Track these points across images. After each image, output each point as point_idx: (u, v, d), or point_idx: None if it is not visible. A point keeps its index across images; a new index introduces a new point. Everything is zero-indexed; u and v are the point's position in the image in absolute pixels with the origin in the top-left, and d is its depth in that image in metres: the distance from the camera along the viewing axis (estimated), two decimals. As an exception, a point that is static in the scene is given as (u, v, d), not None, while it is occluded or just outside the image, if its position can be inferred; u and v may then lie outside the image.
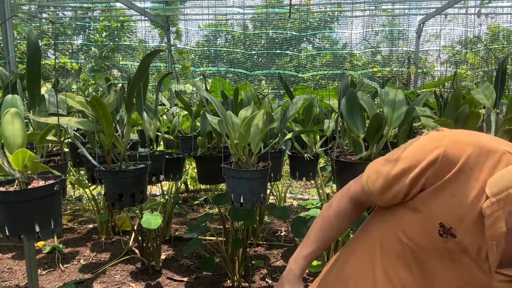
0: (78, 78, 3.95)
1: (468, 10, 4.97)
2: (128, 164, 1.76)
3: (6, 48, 2.14)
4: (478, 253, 0.73)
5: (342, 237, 2.19)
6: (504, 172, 0.70)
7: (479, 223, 0.71)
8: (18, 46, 5.36)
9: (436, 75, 5.26)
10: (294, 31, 6.73)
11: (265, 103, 2.16)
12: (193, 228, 2.40)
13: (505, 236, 0.68)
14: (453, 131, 0.78)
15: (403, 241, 0.82)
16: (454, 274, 0.77)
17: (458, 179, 0.73)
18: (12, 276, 2.69)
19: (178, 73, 4.88)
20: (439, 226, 0.74)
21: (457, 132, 0.77)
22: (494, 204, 0.68)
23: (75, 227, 3.59)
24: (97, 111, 1.52)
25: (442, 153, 0.74)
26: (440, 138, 0.77)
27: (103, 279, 2.63)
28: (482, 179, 0.72)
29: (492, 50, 4.81)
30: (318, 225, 1.00)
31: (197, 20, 5.98)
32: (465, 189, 0.72)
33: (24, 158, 1.23)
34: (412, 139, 0.84)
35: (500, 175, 0.70)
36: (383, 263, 0.87)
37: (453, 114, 1.64)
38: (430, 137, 0.79)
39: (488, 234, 0.70)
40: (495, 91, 1.69)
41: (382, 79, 4.03)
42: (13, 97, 1.58)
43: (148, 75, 1.75)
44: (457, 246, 0.74)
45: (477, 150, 0.73)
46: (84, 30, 6.28)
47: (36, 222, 1.24)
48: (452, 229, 0.73)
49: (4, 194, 1.21)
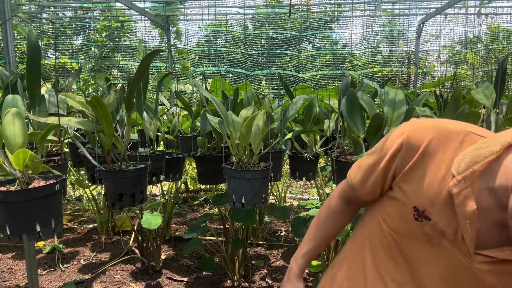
0: (78, 78, 3.95)
1: (468, 10, 4.97)
2: (128, 164, 1.76)
3: (6, 48, 2.14)
4: (455, 235, 0.73)
5: (342, 237, 2.19)
6: (469, 150, 0.72)
7: (450, 203, 0.72)
8: (18, 46, 5.36)
9: (436, 75, 5.26)
10: (294, 31, 6.73)
11: (265, 103, 2.16)
12: (193, 228, 2.41)
13: (476, 215, 0.69)
14: (417, 120, 0.81)
15: (386, 231, 0.85)
16: (436, 261, 0.77)
17: (423, 162, 0.76)
18: (12, 276, 2.69)
19: (178, 73, 4.88)
20: (413, 210, 0.76)
21: (420, 120, 0.81)
22: (460, 182, 0.70)
23: (75, 227, 3.59)
24: (97, 111, 1.52)
25: (406, 139, 0.78)
26: (405, 126, 0.81)
27: (103, 279, 2.63)
28: (448, 160, 0.74)
29: (492, 50, 4.81)
30: (314, 224, 1.03)
31: (197, 20, 5.98)
32: (432, 171, 0.75)
33: (25, 158, 1.23)
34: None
35: (464, 153, 0.72)
36: (372, 257, 0.89)
37: (453, 114, 1.65)
38: (398, 127, 0.83)
39: (460, 213, 0.70)
40: (495, 91, 1.69)
41: (382, 79, 4.03)
42: (14, 97, 1.59)
43: (148, 75, 1.75)
44: (434, 230, 0.74)
45: (440, 133, 0.76)
46: (84, 30, 6.28)
47: (37, 221, 1.24)
48: (426, 212, 0.74)
49: (5, 194, 1.21)
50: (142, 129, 2.67)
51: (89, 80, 4.86)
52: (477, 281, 0.73)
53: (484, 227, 0.70)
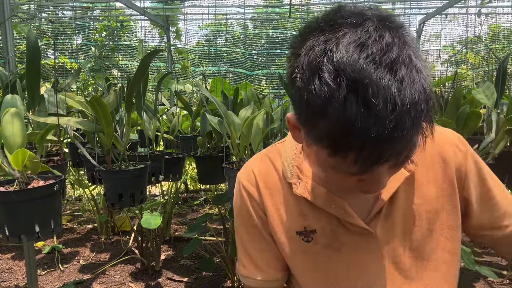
0: (78, 78, 3.94)
1: (469, 9, 4.97)
2: (128, 164, 1.76)
3: (5, 48, 2.14)
4: (342, 227, 0.73)
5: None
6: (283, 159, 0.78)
7: (312, 206, 0.73)
8: (17, 45, 5.36)
9: (437, 75, 5.26)
10: (294, 31, 6.73)
11: (265, 103, 2.16)
12: (193, 228, 2.40)
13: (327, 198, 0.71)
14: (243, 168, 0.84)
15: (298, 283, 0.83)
16: (347, 262, 0.74)
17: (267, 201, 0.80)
18: (11, 276, 2.68)
19: (178, 73, 4.87)
20: (297, 234, 0.75)
21: (246, 167, 0.83)
22: (299, 182, 0.73)
23: (75, 227, 3.59)
24: (97, 111, 1.52)
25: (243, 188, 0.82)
26: (238, 177, 0.85)
27: (102, 279, 2.63)
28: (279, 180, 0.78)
29: (492, 49, 4.81)
30: None
31: (197, 19, 5.98)
32: (276, 203, 0.79)
33: (24, 158, 1.23)
34: None
35: (283, 164, 0.78)
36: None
37: (454, 114, 1.64)
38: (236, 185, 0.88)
39: (322, 205, 0.72)
40: (496, 91, 1.69)
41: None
42: (13, 97, 1.58)
43: (148, 75, 1.75)
44: (325, 236, 0.74)
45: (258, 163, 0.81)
46: (84, 29, 6.28)
47: (36, 222, 1.24)
48: (307, 227, 0.75)
49: (4, 194, 1.21)
50: (142, 129, 2.66)
51: (88, 80, 4.86)
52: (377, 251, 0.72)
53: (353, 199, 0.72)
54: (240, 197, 0.80)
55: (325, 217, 0.72)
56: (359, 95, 0.46)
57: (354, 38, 0.49)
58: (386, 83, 0.46)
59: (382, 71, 0.47)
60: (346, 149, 0.49)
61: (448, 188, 0.73)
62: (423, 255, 0.72)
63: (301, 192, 0.72)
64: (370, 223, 0.71)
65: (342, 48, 0.48)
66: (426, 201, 0.73)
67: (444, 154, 0.74)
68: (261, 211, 0.78)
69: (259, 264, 0.79)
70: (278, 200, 0.76)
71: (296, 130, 0.62)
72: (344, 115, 0.46)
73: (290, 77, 0.54)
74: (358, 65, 0.47)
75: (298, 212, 0.74)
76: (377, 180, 0.57)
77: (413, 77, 0.48)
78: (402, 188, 0.71)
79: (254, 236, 0.80)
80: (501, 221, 0.75)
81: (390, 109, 0.46)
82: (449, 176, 0.73)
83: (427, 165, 0.73)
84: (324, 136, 0.50)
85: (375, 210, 0.71)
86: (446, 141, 0.75)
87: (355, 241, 0.72)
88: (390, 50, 0.48)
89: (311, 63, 0.50)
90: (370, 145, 0.48)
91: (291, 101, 0.60)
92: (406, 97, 0.47)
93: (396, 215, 0.71)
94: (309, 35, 0.52)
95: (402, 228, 0.72)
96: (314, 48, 0.50)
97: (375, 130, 0.46)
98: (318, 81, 0.48)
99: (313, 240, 0.73)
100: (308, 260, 0.75)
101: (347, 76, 0.47)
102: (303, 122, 0.55)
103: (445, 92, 2.30)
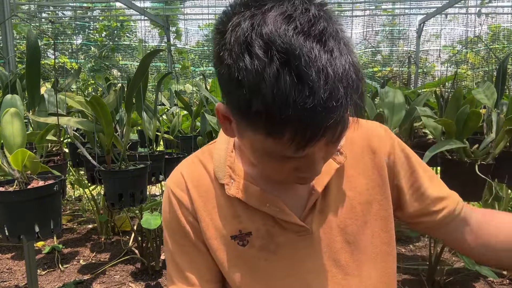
0: (78, 78, 3.95)
1: (469, 9, 4.97)
2: (128, 164, 1.76)
3: (5, 48, 2.14)
4: (277, 226, 0.70)
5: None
6: (214, 163, 0.74)
7: (246, 206, 0.70)
8: (17, 45, 5.36)
9: (437, 75, 5.26)
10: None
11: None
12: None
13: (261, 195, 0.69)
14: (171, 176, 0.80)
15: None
16: (283, 265, 0.71)
17: (198, 211, 0.76)
18: (11, 276, 2.68)
19: (178, 73, 4.87)
20: (232, 239, 0.71)
21: (173, 175, 0.78)
22: (231, 183, 0.70)
23: (75, 227, 3.59)
24: (97, 111, 1.52)
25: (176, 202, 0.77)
26: (166, 188, 0.80)
27: (102, 279, 2.63)
28: (209, 185, 0.74)
29: (492, 50, 4.81)
30: None
31: (197, 19, 5.98)
32: (209, 209, 0.75)
33: (23, 158, 1.23)
34: None
35: (214, 166, 0.73)
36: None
37: (453, 114, 1.64)
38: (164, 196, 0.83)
39: (254, 203, 0.69)
40: (496, 91, 1.69)
41: (383, 78, 4.03)
42: (13, 97, 1.58)
43: (148, 75, 1.75)
44: (260, 237, 0.71)
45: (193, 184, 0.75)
46: (84, 29, 6.28)
47: (36, 222, 1.24)
48: (242, 231, 0.71)
49: (4, 194, 1.21)
50: (142, 129, 2.66)
51: (88, 80, 4.87)
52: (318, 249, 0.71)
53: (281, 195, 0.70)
54: (169, 205, 0.74)
55: (260, 217, 0.69)
56: (291, 66, 0.45)
57: (281, 11, 0.48)
58: (316, 53, 0.46)
59: (312, 42, 0.46)
60: (282, 126, 0.48)
61: (377, 179, 0.73)
62: (360, 248, 0.71)
63: (233, 193, 0.69)
64: (305, 219, 0.69)
65: (270, 22, 0.47)
66: (358, 193, 0.72)
67: (372, 144, 0.74)
68: (193, 218, 0.72)
69: (190, 278, 0.73)
70: (210, 204, 0.72)
71: (227, 122, 0.59)
72: (278, 88, 0.45)
73: (218, 57, 0.52)
74: (287, 36, 0.46)
75: (232, 214, 0.71)
76: (312, 164, 0.57)
77: (342, 49, 0.48)
78: (334, 182, 0.71)
79: (185, 246, 0.73)
80: (432, 207, 0.75)
81: (323, 79, 0.46)
82: (378, 166, 0.73)
83: (356, 157, 0.73)
84: (258, 116, 0.48)
85: (309, 205, 0.69)
86: (374, 132, 0.75)
87: (292, 240, 0.69)
88: (317, 22, 0.48)
89: (239, 38, 0.48)
90: (306, 118, 0.47)
91: (220, 88, 0.56)
92: (338, 67, 0.47)
93: (330, 209, 0.70)
94: (233, 13, 0.51)
95: (337, 222, 0.71)
96: (240, 24, 0.49)
97: (310, 101, 0.45)
98: (248, 56, 0.47)
99: (249, 243, 0.70)
100: (244, 266, 0.71)
101: (277, 48, 0.46)
102: (235, 106, 0.52)
103: (445, 92, 2.30)
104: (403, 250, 2.88)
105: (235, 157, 0.73)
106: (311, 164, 0.57)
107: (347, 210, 0.71)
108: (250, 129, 0.52)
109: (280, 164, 0.56)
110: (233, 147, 0.74)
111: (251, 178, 0.70)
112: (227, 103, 0.56)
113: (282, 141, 0.50)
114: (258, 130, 0.51)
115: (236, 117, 0.55)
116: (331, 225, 0.70)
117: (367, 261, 0.72)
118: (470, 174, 1.56)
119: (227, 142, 0.74)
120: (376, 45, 6.17)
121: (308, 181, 0.65)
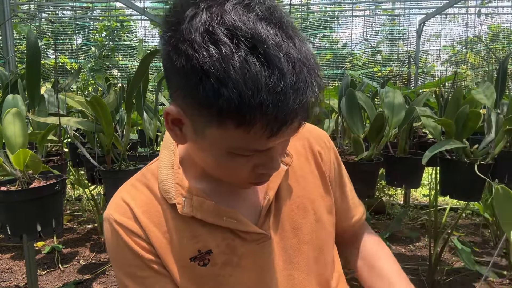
0: (78, 78, 3.95)
1: (469, 9, 4.97)
2: (128, 164, 1.76)
3: (5, 48, 2.14)
4: (239, 240, 0.68)
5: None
6: (160, 184, 0.69)
7: (202, 224, 0.67)
8: (17, 45, 5.36)
9: (437, 75, 5.26)
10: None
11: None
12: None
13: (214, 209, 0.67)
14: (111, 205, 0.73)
15: None
16: (249, 274, 0.70)
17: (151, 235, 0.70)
18: (11, 276, 2.69)
19: (178, 73, 4.85)
20: (191, 261, 0.67)
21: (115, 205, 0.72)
22: (185, 201, 0.66)
23: (75, 227, 3.59)
24: (97, 111, 1.52)
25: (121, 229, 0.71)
26: (106, 214, 0.73)
27: (102, 279, 2.63)
28: (156, 209, 0.70)
29: (492, 50, 4.81)
30: None
31: (197, 19, 5.97)
32: (162, 232, 0.69)
33: (25, 158, 1.23)
34: None
35: (160, 187, 0.68)
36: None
37: (453, 114, 1.64)
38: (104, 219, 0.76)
39: (212, 220, 0.67)
40: (496, 91, 1.69)
41: (383, 78, 4.03)
42: (14, 97, 1.58)
43: (148, 75, 1.75)
44: (223, 253, 0.68)
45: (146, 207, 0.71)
46: (84, 30, 6.27)
47: (38, 221, 1.24)
48: (202, 250, 0.68)
49: (6, 194, 1.21)
50: (142, 129, 2.67)
51: (88, 80, 4.87)
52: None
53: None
54: (116, 238, 0.66)
55: (219, 233, 0.66)
56: (259, 51, 0.45)
57: (238, 1, 0.48)
58: (279, 38, 0.47)
59: (274, 28, 0.48)
60: (254, 112, 0.46)
61: (321, 175, 0.77)
62: (315, 247, 0.72)
63: (188, 211, 0.64)
64: (262, 226, 0.68)
65: (230, 10, 0.47)
66: (307, 193, 0.74)
67: (314, 147, 0.78)
68: (148, 244, 0.66)
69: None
70: (163, 228, 0.66)
71: (177, 128, 0.57)
72: (248, 73, 0.45)
73: (174, 49, 0.49)
74: (250, 23, 0.46)
75: (189, 235, 0.66)
76: (272, 160, 0.57)
77: (300, 37, 0.50)
78: (284, 184, 0.72)
79: (146, 278, 0.66)
80: (349, 212, 0.84)
81: (291, 63, 0.47)
82: (320, 167, 0.77)
83: (300, 157, 0.76)
84: (228, 106, 0.46)
85: (264, 211, 0.69)
86: (318, 136, 0.80)
87: (253, 250, 0.67)
88: (275, 11, 0.49)
89: (199, 29, 0.47)
90: (278, 102, 0.46)
91: (172, 85, 0.53)
92: (301, 52, 0.48)
93: (284, 212, 0.71)
94: (186, 6, 0.49)
95: (292, 224, 0.71)
96: (197, 16, 0.48)
97: (282, 84, 0.46)
98: (213, 45, 0.46)
99: (210, 262, 0.66)
100: (209, 285, 0.67)
101: (243, 35, 0.46)
102: (195, 102, 0.49)
103: (445, 92, 2.30)
104: (403, 250, 2.88)
105: (183, 173, 0.68)
106: (271, 160, 0.57)
107: (299, 211, 0.72)
108: (215, 124, 0.50)
109: (241, 161, 0.56)
110: (178, 163, 0.69)
111: (202, 192, 0.66)
112: (181, 103, 0.53)
113: (253, 130, 0.48)
114: (226, 122, 0.48)
115: (194, 115, 0.52)
116: (286, 228, 0.71)
117: (324, 260, 0.75)
118: (470, 174, 1.56)
119: (171, 159, 0.70)
120: (376, 45, 6.18)
121: (266, 178, 0.63)
